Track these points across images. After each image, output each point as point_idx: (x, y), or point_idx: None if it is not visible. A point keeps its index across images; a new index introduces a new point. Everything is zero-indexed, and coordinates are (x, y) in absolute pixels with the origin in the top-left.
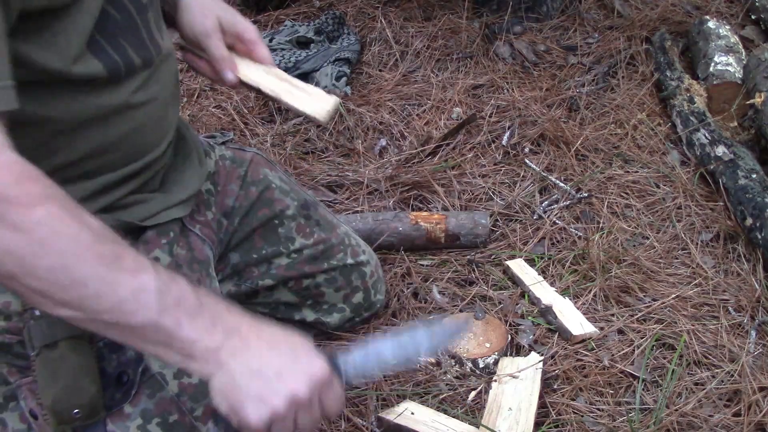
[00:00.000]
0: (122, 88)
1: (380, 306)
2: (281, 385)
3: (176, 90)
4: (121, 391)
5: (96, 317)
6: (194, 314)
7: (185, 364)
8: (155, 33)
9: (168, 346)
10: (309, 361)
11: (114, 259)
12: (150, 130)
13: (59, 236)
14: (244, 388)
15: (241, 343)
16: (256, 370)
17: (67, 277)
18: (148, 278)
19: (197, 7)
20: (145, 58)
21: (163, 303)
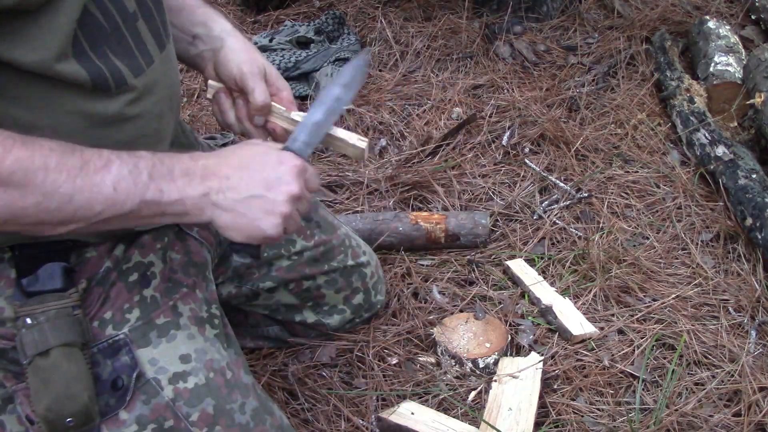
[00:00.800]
0: (114, 99)
1: (380, 307)
2: (276, 193)
3: (173, 105)
4: (116, 396)
5: (93, 220)
6: (168, 176)
7: (185, 219)
8: (148, 43)
9: (162, 214)
10: (280, 161)
11: (83, 166)
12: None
13: (32, 173)
14: (249, 212)
15: (221, 180)
16: (248, 193)
17: (53, 202)
18: (118, 168)
19: (245, 51)
20: (131, 66)
21: (139, 181)
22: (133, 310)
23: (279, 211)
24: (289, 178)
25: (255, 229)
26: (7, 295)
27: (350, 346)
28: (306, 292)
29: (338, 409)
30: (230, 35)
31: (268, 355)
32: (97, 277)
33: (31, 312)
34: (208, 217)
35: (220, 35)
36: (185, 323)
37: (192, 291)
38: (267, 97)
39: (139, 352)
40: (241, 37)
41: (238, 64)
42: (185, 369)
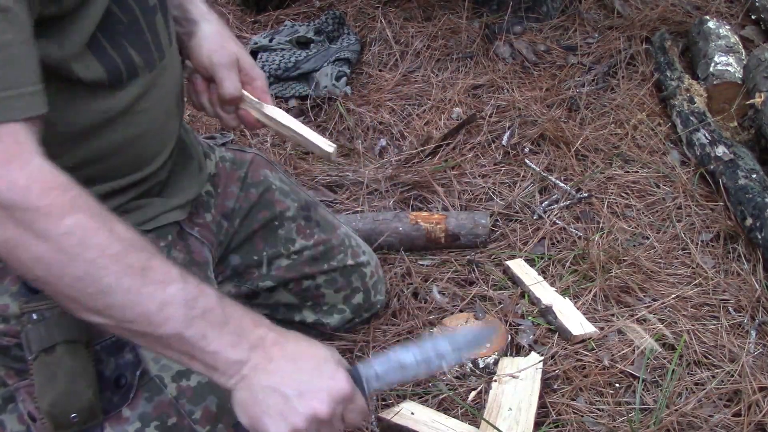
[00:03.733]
0: (124, 93)
1: (380, 306)
2: (302, 404)
3: (179, 101)
4: (119, 394)
5: (123, 325)
6: (219, 327)
7: (208, 374)
8: (162, 37)
9: (192, 357)
10: (331, 377)
11: (142, 270)
12: (151, 138)
13: (87, 246)
14: (265, 404)
15: (264, 358)
16: (277, 386)
17: (94, 286)
18: (175, 290)
19: (218, 38)
20: (147, 59)
21: (189, 315)
22: None
23: (292, 422)
24: (325, 396)
25: (260, 423)
26: (13, 291)
27: (350, 346)
28: (305, 292)
29: None
30: (205, 19)
31: None
32: None
33: (37, 308)
34: (231, 385)
35: (195, 19)
36: None
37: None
38: (236, 88)
39: (143, 349)
40: (215, 22)
41: (209, 53)
42: None
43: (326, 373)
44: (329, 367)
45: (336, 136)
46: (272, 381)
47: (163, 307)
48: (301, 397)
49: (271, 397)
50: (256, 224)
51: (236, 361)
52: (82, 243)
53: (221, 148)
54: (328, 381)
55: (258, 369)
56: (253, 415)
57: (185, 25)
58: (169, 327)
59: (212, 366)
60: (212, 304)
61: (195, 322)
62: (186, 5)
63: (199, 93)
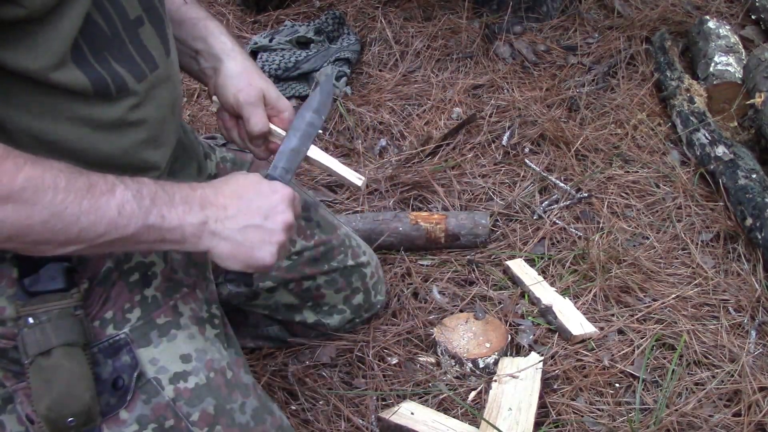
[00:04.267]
0: (115, 105)
1: (380, 307)
2: (273, 222)
3: (175, 110)
4: (117, 396)
5: (97, 242)
6: (169, 204)
7: (181, 247)
8: (152, 49)
9: (162, 240)
10: (273, 191)
11: (90, 188)
12: (145, 149)
13: (42, 191)
14: (247, 241)
15: (219, 209)
16: (246, 222)
17: (60, 221)
18: (122, 192)
19: (243, 76)
20: (134, 73)
21: (142, 206)
22: (133, 309)
23: (276, 240)
24: (282, 206)
25: (253, 258)
26: (9, 294)
27: (350, 346)
28: (306, 292)
29: (338, 409)
30: (228, 56)
31: (268, 355)
32: (99, 277)
33: (33, 312)
34: (205, 246)
35: (219, 55)
36: (186, 323)
37: (192, 291)
38: (263, 125)
39: (140, 351)
40: (239, 57)
41: (235, 93)
42: (186, 369)
43: (267, 191)
44: (264, 185)
45: (336, 136)
46: (238, 222)
47: (120, 209)
48: (267, 218)
49: (247, 234)
50: None
51: (198, 224)
52: (37, 190)
53: (222, 149)
54: (274, 195)
55: (220, 219)
56: (244, 256)
57: (208, 59)
58: (133, 223)
59: (181, 239)
60: (154, 188)
61: (150, 209)
62: (210, 39)
63: (228, 129)
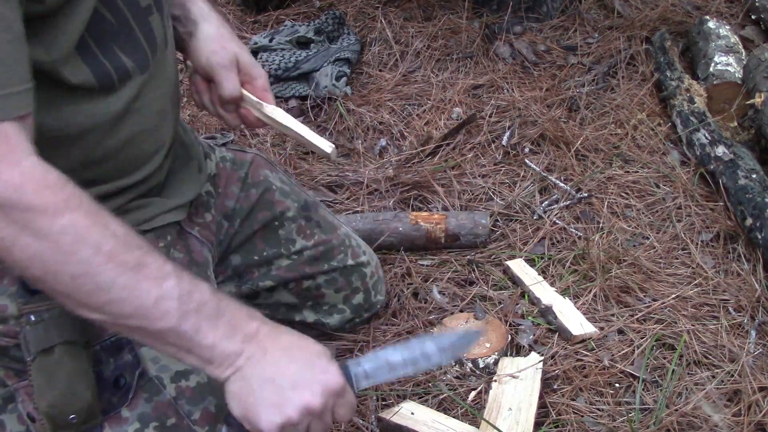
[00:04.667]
0: (116, 97)
1: (380, 306)
2: (295, 395)
3: (174, 100)
4: (118, 395)
5: (118, 321)
6: (214, 320)
7: (203, 367)
8: (158, 40)
9: (188, 351)
10: (324, 371)
11: (137, 266)
12: (145, 140)
13: (83, 244)
14: (259, 394)
15: (259, 350)
16: (271, 377)
17: (91, 283)
18: (170, 286)
19: (217, 38)
20: (139, 62)
21: (184, 309)
22: None
23: (286, 413)
24: (318, 388)
25: (253, 414)
26: (11, 292)
27: (350, 346)
28: (306, 292)
29: None
30: (205, 20)
31: None
32: None
33: (35, 309)
34: (225, 376)
35: (195, 19)
36: None
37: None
38: (235, 89)
39: (142, 350)
40: (215, 21)
41: (208, 55)
42: (187, 367)
43: (319, 367)
44: (322, 361)
45: (336, 136)
46: (267, 372)
47: (159, 302)
48: (294, 388)
49: (265, 388)
50: (256, 224)
51: (231, 353)
52: (78, 241)
53: (221, 149)
54: (321, 374)
55: (253, 360)
56: (247, 406)
57: (186, 24)
58: (166, 321)
59: (208, 359)
60: (207, 298)
61: (190, 315)
62: (187, 4)
63: (200, 93)
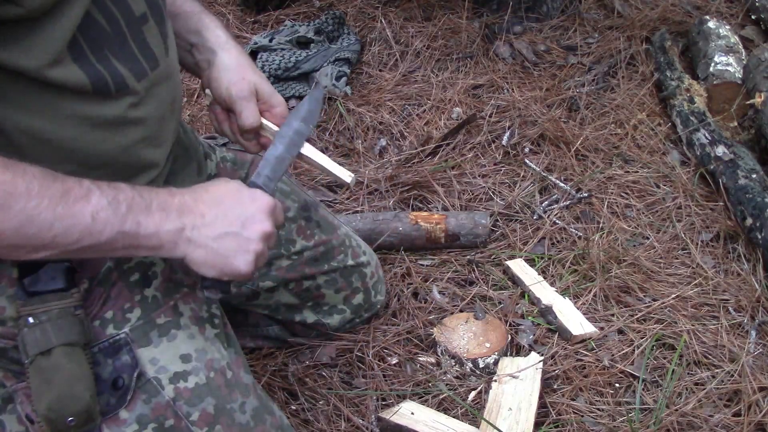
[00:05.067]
0: (115, 103)
1: (380, 306)
2: (250, 231)
3: (175, 108)
4: (117, 396)
5: (70, 248)
6: (146, 210)
7: (158, 254)
8: (154, 47)
9: (137, 247)
10: (253, 199)
11: (64, 194)
12: (145, 147)
13: (14, 197)
14: (223, 249)
15: (196, 216)
16: (223, 230)
17: (33, 227)
18: (97, 198)
19: (237, 69)
20: (135, 71)
21: (118, 213)
22: (134, 309)
23: (252, 249)
24: (261, 216)
25: (229, 266)
26: (9, 294)
27: (350, 346)
28: (306, 292)
29: (338, 409)
30: (223, 49)
31: (268, 355)
32: (99, 277)
33: (33, 311)
34: (181, 252)
35: (213, 48)
36: (186, 323)
37: (192, 291)
38: (254, 120)
39: (140, 351)
40: (234, 51)
41: (227, 86)
42: (186, 368)
43: (247, 199)
44: (245, 193)
45: (336, 136)
46: (215, 229)
47: (95, 216)
48: (245, 227)
49: (224, 242)
50: None
51: (175, 231)
52: (9, 196)
53: (222, 149)
54: (253, 203)
55: (197, 227)
56: (219, 264)
57: (203, 52)
58: (108, 230)
59: (157, 246)
60: (131, 195)
61: (126, 216)
62: (205, 33)
63: (220, 122)
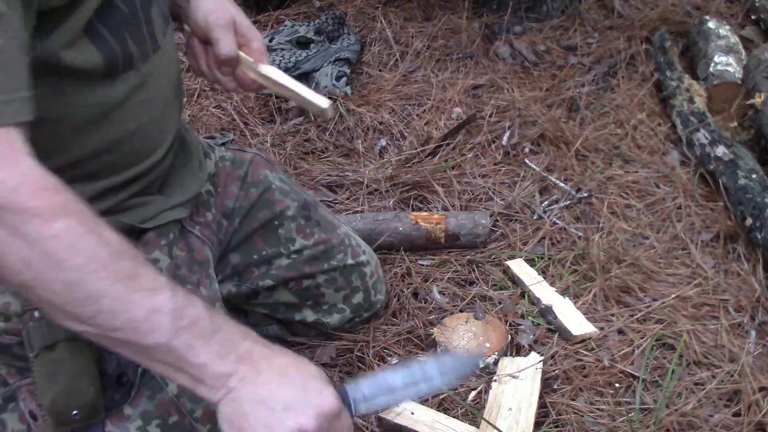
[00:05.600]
0: (119, 85)
1: (380, 306)
2: (288, 418)
3: (177, 92)
4: (121, 392)
5: (107, 334)
6: (207, 338)
7: (194, 387)
8: (157, 31)
9: (178, 369)
10: (319, 394)
11: (131, 277)
12: (149, 132)
13: (76, 252)
14: (251, 416)
15: (252, 371)
16: (264, 399)
17: (82, 293)
18: (164, 299)
19: (215, 0)
20: (142, 51)
21: (177, 325)
22: None
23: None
24: (312, 412)
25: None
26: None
27: (350, 346)
28: (306, 291)
29: None
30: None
31: None
32: None
33: None
34: (217, 399)
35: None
36: None
37: (196, 288)
38: (231, 49)
39: None
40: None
41: (205, 14)
42: None
43: (314, 389)
44: (317, 383)
45: (336, 136)
46: (259, 394)
47: (150, 315)
48: (287, 411)
49: (258, 410)
50: (256, 224)
51: (223, 374)
52: (71, 247)
53: (221, 148)
54: (316, 397)
55: (245, 381)
56: (238, 428)
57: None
58: (156, 336)
59: (199, 379)
60: (201, 314)
61: (182, 332)
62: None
63: (197, 57)
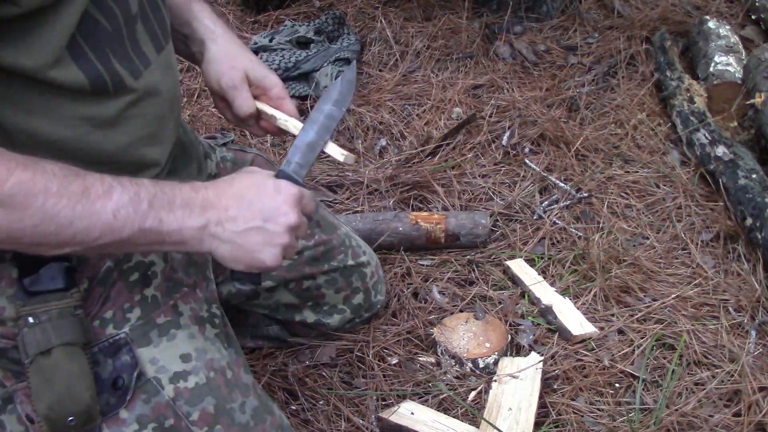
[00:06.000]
0: (113, 101)
1: (380, 306)
2: (274, 224)
3: (175, 105)
4: (117, 396)
5: (91, 245)
6: (168, 206)
7: (182, 249)
8: (144, 45)
9: (161, 243)
10: (277, 191)
11: (84, 191)
12: (145, 145)
13: (32, 196)
14: (249, 244)
15: (220, 211)
16: (247, 225)
17: (53, 225)
18: (118, 195)
19: (224, 59)
20: (130, 69)
21: (139, 210)
22: (133, 309)
23: (278, 242)
24: (286, 207)
25: (255, 260)
26: (9, 294)
27: (350, 346)
28: (306, 292)
29: (338, 409)
30: (210, 40)
31: (268, 355)
32: (98, 277)
33: (33, 311)
34: (207, 248)
35: (202, 39)
36: (186, 323)
37: (192, 290)
38: (248, 107)
39: (140, 351)
40: (220, 40)
41: (217, 78)
42: (186, 368)
43: (272, 189)
44: (269, 184)
45: (336, 136)
46: (239, 224)
47: (116, 213)
48: (269, 220)
49: (248, 237)
50: None
51: (198, 227)
52: (28, 195)
53: (222, 149)
54: (277, 195)
55: (221, 222)
56: (246, 259)
57: (195, 44)
58: (129, 227)
59: (181, 241)
60: (153, 191)
61: (147, 213)
62: (193, 24)
63: (221, 110)
